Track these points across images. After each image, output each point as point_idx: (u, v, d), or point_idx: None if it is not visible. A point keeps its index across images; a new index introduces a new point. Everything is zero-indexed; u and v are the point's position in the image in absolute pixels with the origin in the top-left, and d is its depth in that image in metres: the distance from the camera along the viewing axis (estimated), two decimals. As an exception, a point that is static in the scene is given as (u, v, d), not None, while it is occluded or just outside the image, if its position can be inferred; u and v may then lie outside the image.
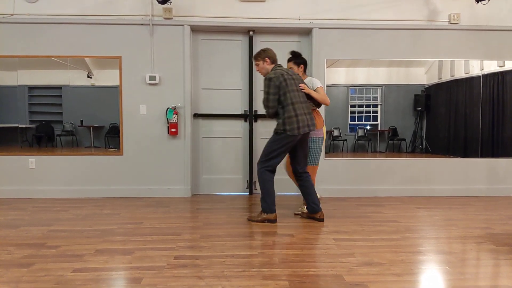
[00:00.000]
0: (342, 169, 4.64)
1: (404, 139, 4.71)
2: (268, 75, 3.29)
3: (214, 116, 4.69)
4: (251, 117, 4.68)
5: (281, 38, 4.67)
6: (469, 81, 4.66)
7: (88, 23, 4.39)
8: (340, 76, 4.61)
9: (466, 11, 4.63)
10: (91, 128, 4.52)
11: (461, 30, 4.61)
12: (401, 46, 4.60)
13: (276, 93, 3.23)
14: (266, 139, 4.69)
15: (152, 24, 4.42)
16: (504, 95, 4.68)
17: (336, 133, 4.67)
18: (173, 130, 4.45)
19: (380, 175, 4.66)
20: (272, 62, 3.39)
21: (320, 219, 3.41)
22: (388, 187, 4.66)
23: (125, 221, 3.39)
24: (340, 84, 4.62)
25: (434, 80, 4.65)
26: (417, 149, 4.72)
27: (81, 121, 4.50)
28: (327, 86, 4.59)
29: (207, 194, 4.71)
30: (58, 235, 2.96)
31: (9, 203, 4.16)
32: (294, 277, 2.17)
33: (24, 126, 4.46)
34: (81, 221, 3.39)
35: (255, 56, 3.42)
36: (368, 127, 4.70)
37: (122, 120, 4.50)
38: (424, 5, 4.61)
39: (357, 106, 4.66)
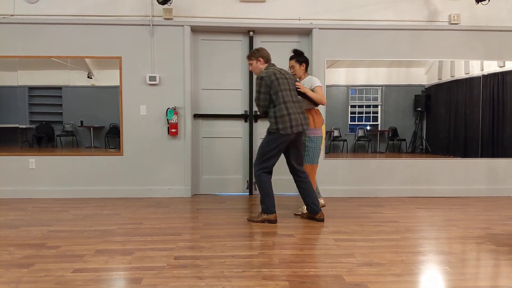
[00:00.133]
0: (342, 169, 4.64)
1: (404, 140, 4.71)
2: (260, 74, 3.30)
3: (214, 116, 4.69)
4: (251, 117, 4.68)
5: (281, 39, 4.68)
6: (469, 82, 4.66)
7: (88, 23, 4.40)
8: (340, 76, 4.61)
9: (466, 12, 4.63)
10: (91, 128, 4.52)
11: (461, 31, 4.61)
12: (401, 47, 4.60)
13: (267, 92, 3.24)
14: (266, 140, 4.69)
15: (152, 25, 4.43)
16: (504, 95, 4.68)
17: (336, 133, 4.67)
18: (173, 130, 4.46)
19: (380, 176, 4.66)
20: (266, 61, 3.39)
21: (320, 219, 3.41)
22: (388, 188, 4.66)
23: (125, 222, 3.40)
24: (340, 85, 4.62)
25: (434, 81, 4.65)
26: (417, 149, 4.72)
27: (81, 122, 4.50)
28: (327, 86, 4.59)
29: (207, 195, 4.71)
30: (58, 236, 2.96)
31: (9, 203, 4.16)
32: (294, 278, 2.17)
33: (24, 126, 4.47)
34: (81, 222, 3.39)
35: (248, 56, 3.42)
36: (368, 128, 4.70)
37: (122, 120, 4.50)
38: (424, 6, 4.61)
39: (357, 106, 4.66)
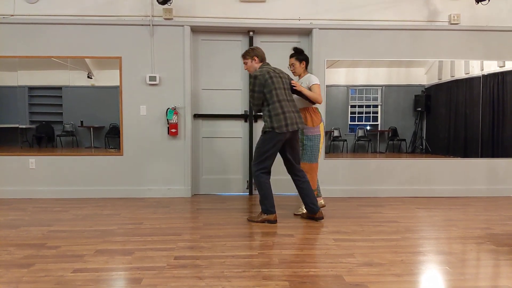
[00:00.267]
0: (342, 169, 4.64)
1: (404, 140, 4.71)
2: (254, 72, 3.31)
3: (214, 116, 4.69)
4: (251, 117, 4.68)
5: (281, 39, 4.68)
6: (469, 82, 4.66)
7: (88, 23, 4.40)
8: (340, 76, 4.61)
9: (466, 12, 4.63)
10: (91, 128, 4.52)
11: (461, 31, 4.61)
12: (401, 47, 4.60)
13: (260, 91, 3.25)
14: (266, 140, 4.69)
15: (152, 25, 4.43)
16: (504, 95, 4.68)
17: (336, 133, 4.67)
18: (173, 130, 4.46)
19: (380, 176, 4.66)
20: (261, 60, 3.40)
21: (320, 218, 3.41)
22: (388, 188, 4.66)
23: (125, 222, 3.40)
24: (340, 85, 4.62)
25: (434, 81, 4.65)
26: (417, 149, 4.72)
27: (81, 122, 4.50)
28: (327, 86, 4.59)
29: (207, 195, 4.71)
30: (58, 236, 2.96)
31: (9, 203, 4.16)
32: (294, 278, 2.17)
33: (24, 126, 4.47)
34: (81, 222, 3.39)
35: (243, 55, 3.43)
36: (368, 128, 4.70)
37: (122, 120, 4.50)
38: (424, 6, 4.61)
39: (357, 106, 4.66)
